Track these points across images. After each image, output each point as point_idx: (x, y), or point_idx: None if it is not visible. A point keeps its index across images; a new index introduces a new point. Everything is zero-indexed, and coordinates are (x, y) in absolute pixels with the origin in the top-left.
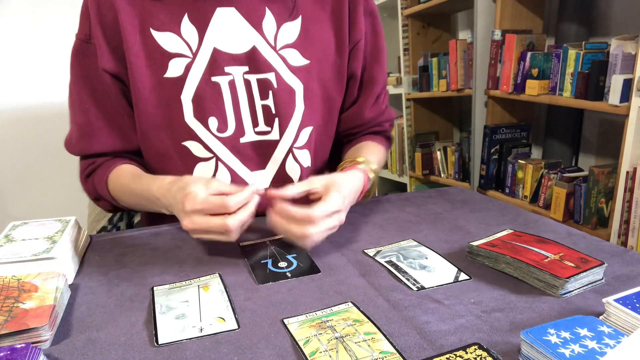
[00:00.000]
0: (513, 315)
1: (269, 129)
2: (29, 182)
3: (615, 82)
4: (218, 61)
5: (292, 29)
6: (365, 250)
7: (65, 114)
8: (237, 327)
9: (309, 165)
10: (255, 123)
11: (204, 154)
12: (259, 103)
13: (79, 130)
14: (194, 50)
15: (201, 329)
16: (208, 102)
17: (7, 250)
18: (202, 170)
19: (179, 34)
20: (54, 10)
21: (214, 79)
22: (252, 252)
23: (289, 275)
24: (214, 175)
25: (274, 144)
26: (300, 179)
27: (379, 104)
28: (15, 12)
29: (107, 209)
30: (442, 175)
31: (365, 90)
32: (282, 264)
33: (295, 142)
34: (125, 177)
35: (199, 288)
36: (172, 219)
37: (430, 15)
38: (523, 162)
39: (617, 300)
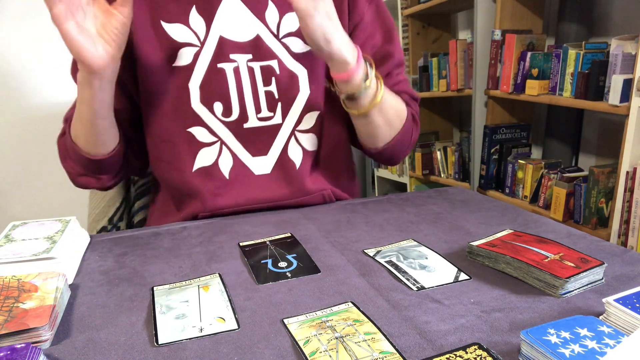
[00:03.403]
0: (513, 315)
1: (271, 114)
2: (29, 182)
3: (615, 82)
4: (224, 49)
5: (294, 18)
6: (365, 250)
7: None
8: (237, 327)
9: (315, 149)
10: (258, 109)
11: (209, 138)
12: (262, 89)
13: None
14: (201, 39)
15: (201, 329)
16: (214, 87)
17: (7, 250)
18: (206, 155)
19: (187, 24)
20: None
21: (219, 65)
22: (252, 252)
23: (289, 275)
24: (217, 160)
25: (276, 128)
26: (303, 163)
27: (391, 77)
28: (15, 12)
29: (74, 170)
30: (442, 175)
31: (379, 68)
32: (282, 264)
33: (298, 125)
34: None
35: (199, 288)
36: (172, 218)
37: (430, 15)
38: (523, 162)
39: (617, 300)
